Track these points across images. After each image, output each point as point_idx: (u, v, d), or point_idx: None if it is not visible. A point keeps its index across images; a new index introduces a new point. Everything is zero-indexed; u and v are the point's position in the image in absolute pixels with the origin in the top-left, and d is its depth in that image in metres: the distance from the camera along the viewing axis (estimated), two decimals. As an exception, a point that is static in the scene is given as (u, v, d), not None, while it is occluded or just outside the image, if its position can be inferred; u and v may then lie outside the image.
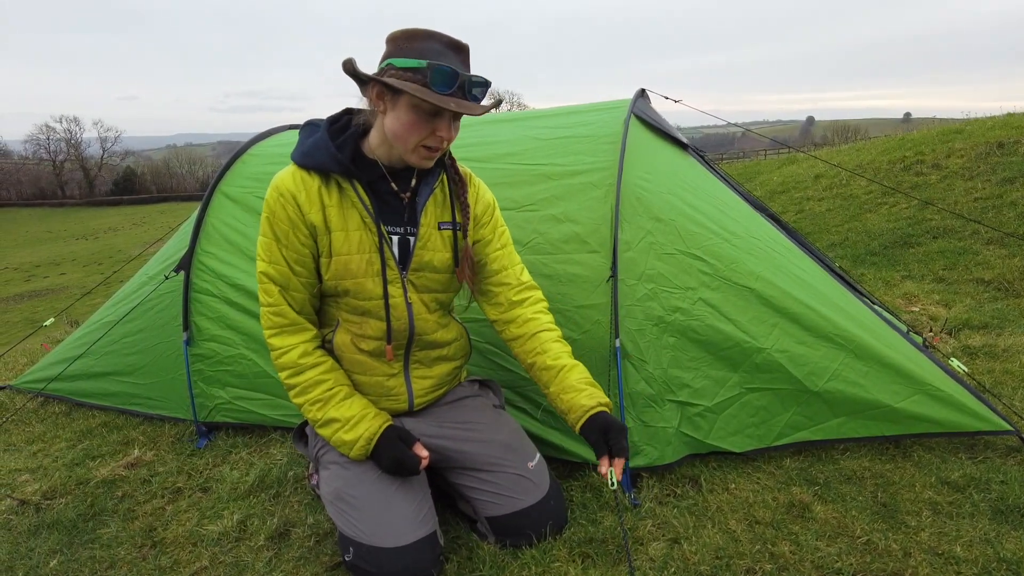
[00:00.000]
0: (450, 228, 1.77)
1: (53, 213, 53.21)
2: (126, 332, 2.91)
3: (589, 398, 1.65)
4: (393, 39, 1.54)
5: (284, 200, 1.61)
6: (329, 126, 1.68)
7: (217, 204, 2.78)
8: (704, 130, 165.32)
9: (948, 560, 1.63)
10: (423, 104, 1.51)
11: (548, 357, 1.74)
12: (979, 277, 4.30)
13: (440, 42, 1.52)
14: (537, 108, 3.58)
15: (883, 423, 2.09)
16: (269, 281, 1.66)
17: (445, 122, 1.55)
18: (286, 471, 2.29)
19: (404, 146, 1.58)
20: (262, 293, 1.69)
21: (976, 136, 7.75)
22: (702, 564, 1.67)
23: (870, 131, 43.55)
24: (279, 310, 1.68)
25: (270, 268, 1.65)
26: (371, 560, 1.60)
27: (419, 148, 1.58)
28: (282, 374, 1.71)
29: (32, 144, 68.60)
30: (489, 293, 1.86)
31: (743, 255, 2.23)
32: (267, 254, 1.65)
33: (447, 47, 1.52)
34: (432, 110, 1.52)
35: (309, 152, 1.64)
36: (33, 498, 2.26)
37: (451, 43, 1.53)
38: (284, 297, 1.67)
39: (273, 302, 1.67)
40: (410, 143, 1.57)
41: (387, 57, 1.53)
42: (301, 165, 1.64)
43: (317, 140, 1.64)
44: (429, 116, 1.53)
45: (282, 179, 1.64)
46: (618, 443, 1.57)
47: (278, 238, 1.63)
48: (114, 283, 7.25)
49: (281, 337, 1.70)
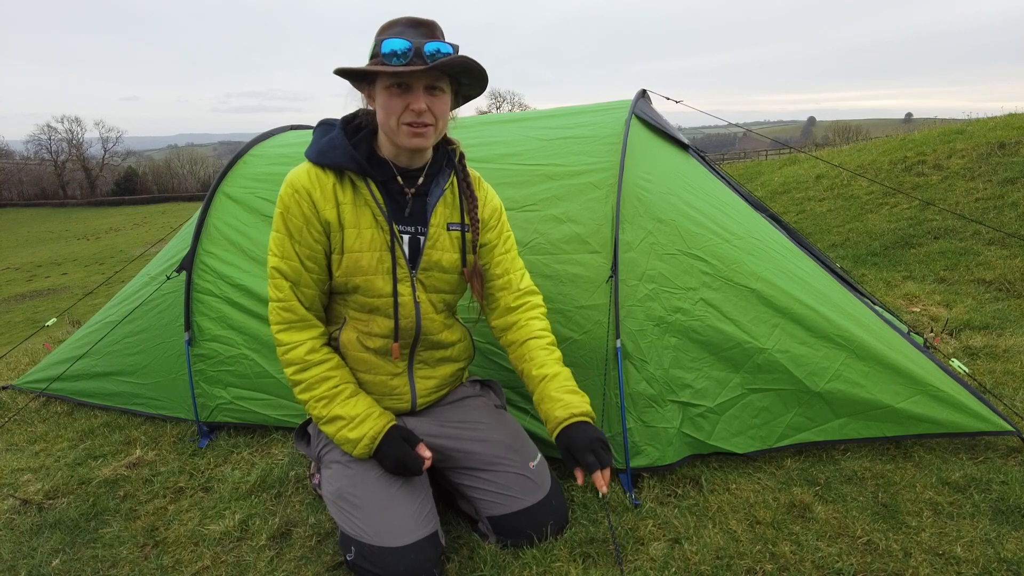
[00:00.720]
0: (459, 229, 1.78)
1: (55, 213, 53.28)
2: (128, 332, 2.91)
3: (563, 409, 1.63)
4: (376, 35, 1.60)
5: (299, 196, 1.63)
6: (344, 125, 1.70)
7: (219, 204, 2.79)
8: (705, 130, 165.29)
9: (949, 560, 1.63)
10: (389, 80, 1.55)
11: (533, 366, 1.74)
12: (980, 278, 4.30)
13: (400, 24, 1.57)
14: (538, 108, 3.58)
15: (884, 423, 2.09)
16: (281, 277, 1.67)
17: (415, 94, 1.57)
18: (287, 471, 2.29)
19: (389, 130, 1.61)
20: (272, 288, 1.69)
21: (977, 136, 7.74)
22: (703, 564, 1.68)
23: (871, 131, 43.51)
24: (289, 306, 1.69)
25: (282, 264, 1.67)
26: (373, 560, 1.60)
27: (402, 127, 1.60)
28: (288, 370, 1.72)
29: (34, 144, 68.69)
30: (490, 298, 1.87)
31: (744, 256, 2.23)
32: (279, 249, 1.67)
33: (406, 26, 1.57)
34: (399, 83, 1.56)
35: (325, 150, 1.66)
36: (35, 498, 2.26)
37: (411, 21, 1.58)
38: (295, 293, 1.68)
39: (283, 297, 1.68)
40: (391, 123, 1.60)
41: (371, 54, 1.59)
42: (317, 163, 1.66)
43: (333, 138, 1.66)
44: (400, 92, 1.57)
45: (297, 176, 1.65)
46: (583, 458, 1.54)
47: (291, 234, 1.65)
48: (116, 283, 7.26)
49: (289, 333, 1.70)
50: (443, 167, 1.76)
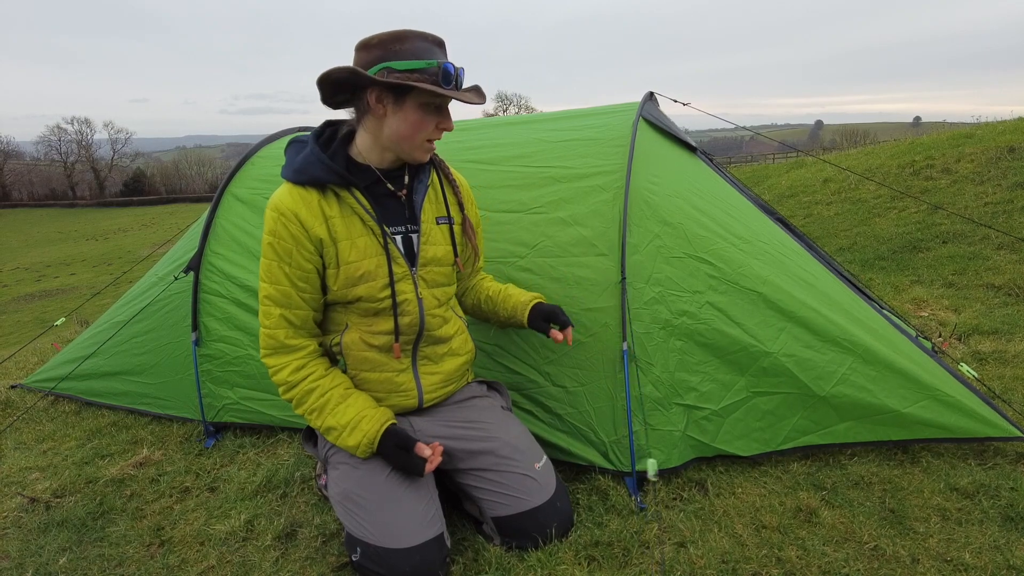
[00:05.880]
0: (446, 222, 1.84)
1: (64, 214, 53.61)
2: (135, 332, 2.93)
3: (525, 295, 2.01)
4: (380, 43, 1.56)
5: (285, 219, 1.63)
6: (316, 139, 1.71)
7: (226, 206, 2.80)
8: (712, 134, 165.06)
9: (957, 567, 1.62)
10: (432, 100, 1.60)
11: (490, 292, 2.05)
12: (989, 282, 4.27)
13: (428, 41, 1.59)
14: (545, 111, 3.59)
15: (891, 428, 2.08)
16: (271, 303, 1.70)
17: (447, 114, 1.66)
18: (293, 471, 2.30)
19: (411, 144, 1.65)
20: (262, 315, 1.72)
21: (987, 140, 7.70)
22: (708, 568, 1.67)
23: (879, 135, 43.32)
24: (273, 333, 1.71)
25: (271, 289, 1.68)
26: (379, 560, 1.61)
27: (424, 143, 1.66)
28: (279, 391, 1.76)
29: (44, 145, 69.12)
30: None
31: (751, 259, 2.22)
32: (268, 275, 1.68)
33: (434, 44, 1.60)
34: (439, 104, 1.61)
35: (301, 168, 1.66)
36: (43, 496, 2.28)
37: (436, 40, 1.61)
38: (282, 319, 1.70)
39: (270, 325, 1.71)
40: (418, 140, 1.64)
41: (378, 62, 1.55)
42: (296, 182, 1.66)
43: (308, 155, 1.66)
44: (435, 112, 1.62)
45: (280, 198, 1.66)
46: (558, 318, 1.93)
47: (280, 256, 1.66)
48: (124, 283, 7.30)
49: (274, 357, 1.74)
50: (424, 164, 1.80)
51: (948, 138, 8.77)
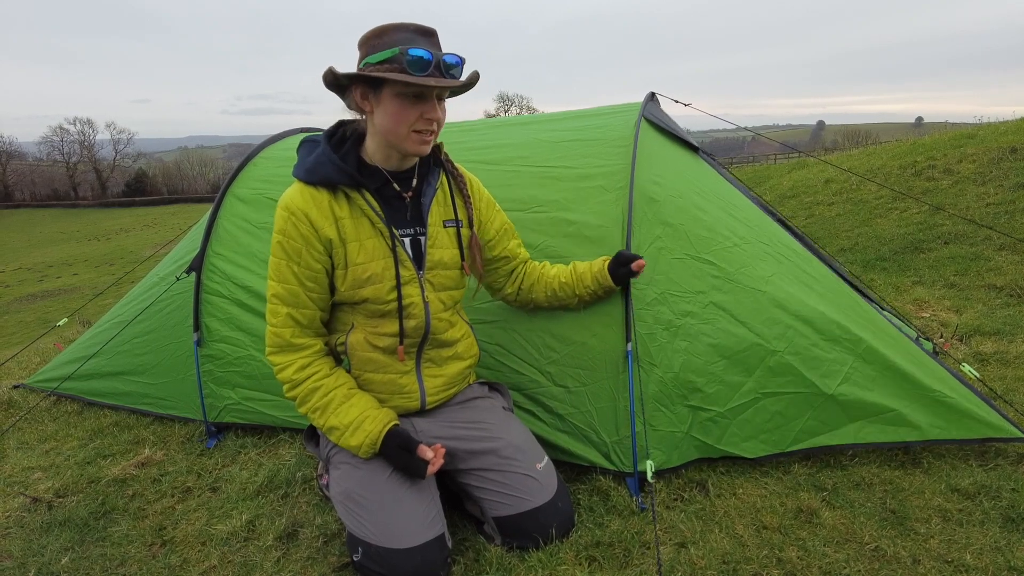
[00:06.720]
0: (454, 226, 1.83)
1: (66, 214, 53.71)
2: (137, 332, 2.94)
3: (592, 265, 2.02)
4: (364, 41, 1.58)
5: (296, 219, 1.64)
6: (328, 139, 1.71)
7: (228, 206, 2.80)
8: (714, 134, 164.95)
9: (958, 568, 1.62)
10: (406, 89, 1.55)
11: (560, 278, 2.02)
12: (991, 283, 4.27)
13: (408, 31, 1.57)
14: (547, 111, 3.59)
15: (899, 428, 2.07)
16: (279, 302, 1.70)
17: (430, 103, 1.59)
18: (294, 472, 2.30)
19: (397, 137, 1.62)
20: (269, 313, 1.72)
21: (989, 141, 7.70)
22: (709, 569, 1.67)
23: (881, 136, 43.27)
24: (279, 331, 1.72)
25: (279, 287, 1.69)
26: (380, 561, 1.61)
27: (411, 135, 1.62)
28: (283, 388, 1.76)
29: (46, 146, 69.28)
30: (495, 273, 2.00)
31: (753, 259, 2.22)
32: (276, 274, 1.69)
33: (416, 33, 1.57)
34: (415, 93, 1.57)
35: (313, 168, 1.66)
36: (45, 496, 2.28)
37: (419, 29, 1.58)
38: (289, 317, 1.70)
39: (277, 323, 1.71)
40: (402, 131, 1.61)
41: (361, 59, 1.58)
42: (307, 181, 1.66)
43: (320, 155, 1.67)
44: (414, 101, 1.58)
45: (291, 197, 1.66)
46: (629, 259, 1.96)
47: (289, 256, 1.66)
48: (126, 284, 7.31)
49: (279, 355, 1.74)
50: (431, 166, 1.80)
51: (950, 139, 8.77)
